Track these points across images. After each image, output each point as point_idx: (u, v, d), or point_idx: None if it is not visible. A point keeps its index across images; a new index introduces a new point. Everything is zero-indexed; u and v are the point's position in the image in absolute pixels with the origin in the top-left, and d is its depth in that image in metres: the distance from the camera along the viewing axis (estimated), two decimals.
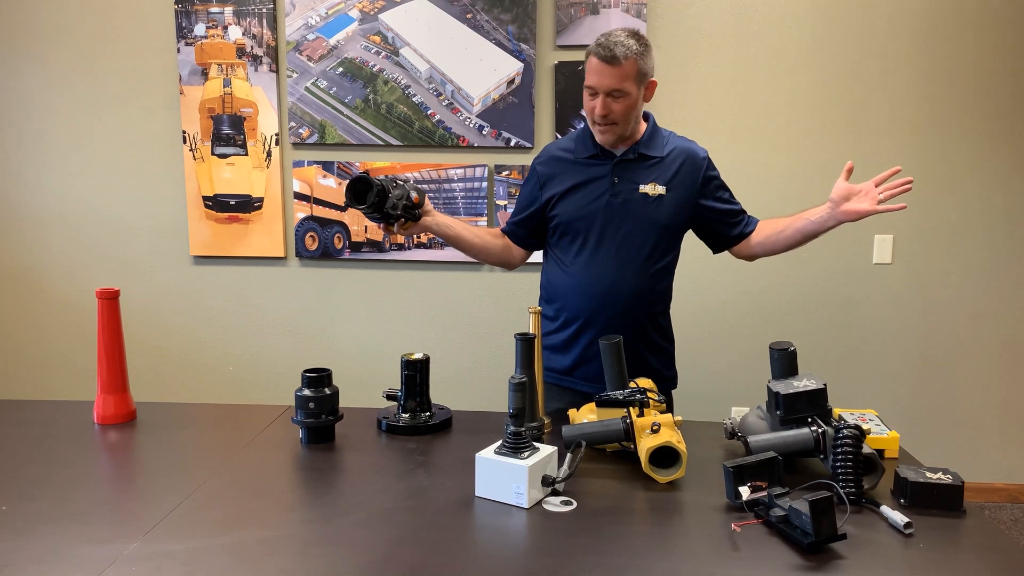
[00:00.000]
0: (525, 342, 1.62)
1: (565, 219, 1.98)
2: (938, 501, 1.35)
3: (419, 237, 3.36)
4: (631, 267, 1.94)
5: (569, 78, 3.21)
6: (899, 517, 1.27)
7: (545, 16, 3.22)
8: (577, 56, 3.20)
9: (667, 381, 2.09)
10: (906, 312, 3.30)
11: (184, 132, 3.38)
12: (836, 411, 1.70)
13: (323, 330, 3.50)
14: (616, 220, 1.95)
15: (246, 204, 3.41)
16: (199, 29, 3.31)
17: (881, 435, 1.60)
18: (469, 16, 3.22)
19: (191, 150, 3.39)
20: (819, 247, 3.27)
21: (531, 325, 1.73)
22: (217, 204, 3.41)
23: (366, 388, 3.04)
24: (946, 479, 1.36)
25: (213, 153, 3.39)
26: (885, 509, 1.31)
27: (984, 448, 3.36)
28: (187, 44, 3.33)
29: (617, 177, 1.95)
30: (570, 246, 1.99)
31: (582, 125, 2.05)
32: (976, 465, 3.35)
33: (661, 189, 1.95)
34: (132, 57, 3.38)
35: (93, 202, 3.49)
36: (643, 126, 2.00)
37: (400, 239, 3.37)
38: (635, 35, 1.87)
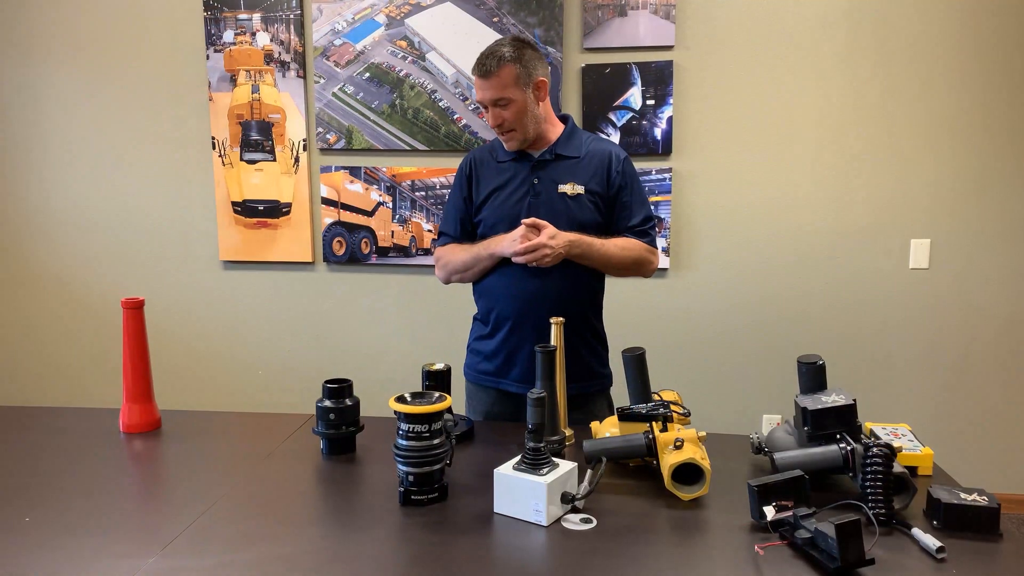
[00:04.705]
0: (546, 355, 1.60)
1: (490, 221, 2.01)
2: (973, 524, 1.30)
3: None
4: (556, 267, 1.90)
5: (597, 81, 3.17)
6: (931, 541, 1.23)
7: (572, 19, 3.19)
8: (605, 59, 3.17)
9: (602, 379, 2.08)
10: (943, 319, 3.21)
11: (213, 138, 3.41)
12: (867, 425, 1.65)
13: (350, 335, 3.51)
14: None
15: (274, 209, 3.43)
16: (228, 36, 3.34)
17: (914, 451, 1.55)
18: (495, 20, 3.20)
19: (220, 156, 3.42)
20: (853, 251, 3.20)
21: (553, 337, 1.71)
22: (246, 210, 3.44)
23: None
24: (982, 500, 1.31)
25: (242, 159, 3.41)
26: (917, 532, 1.27)
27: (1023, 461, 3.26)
28: (216, 51, 3.36)
29: (536, 178, 1.98)
30: None
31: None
32: (1016, 478, 3.25)
33: (580, 188, 1.96)
34: (162, 64, 3.42)
35: (123, 208, 3.54)
36: (559, 127, 2.03)
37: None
38: (513, 41, 1.92)
